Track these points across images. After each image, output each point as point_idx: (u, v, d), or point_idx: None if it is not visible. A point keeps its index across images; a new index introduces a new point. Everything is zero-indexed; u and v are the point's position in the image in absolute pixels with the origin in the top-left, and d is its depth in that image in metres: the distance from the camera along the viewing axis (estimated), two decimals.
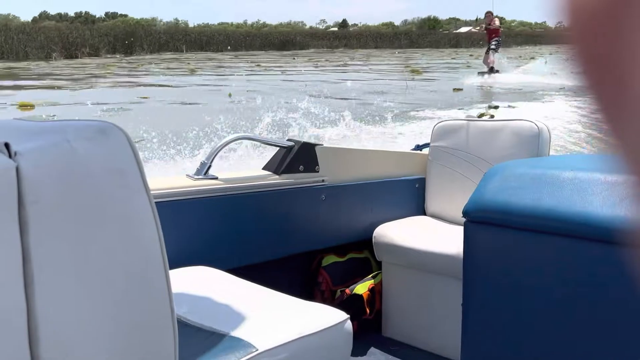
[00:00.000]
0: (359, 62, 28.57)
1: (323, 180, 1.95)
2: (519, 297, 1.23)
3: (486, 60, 14.94)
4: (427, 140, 2.30)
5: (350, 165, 2.05)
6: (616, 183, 1.12)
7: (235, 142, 1.91)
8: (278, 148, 1.92)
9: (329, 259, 2.04)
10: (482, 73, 15.16)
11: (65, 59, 29.57)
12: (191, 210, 1.64)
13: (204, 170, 1.71)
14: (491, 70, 14.80)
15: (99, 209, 0.85)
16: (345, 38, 54.09)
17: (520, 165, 1.39)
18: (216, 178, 1.72)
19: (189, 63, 26.19)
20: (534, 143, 1.93)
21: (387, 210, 2.16)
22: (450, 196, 2.12)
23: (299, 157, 1.89)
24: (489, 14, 15.16)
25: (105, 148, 0.86)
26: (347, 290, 1.99)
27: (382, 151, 2.27)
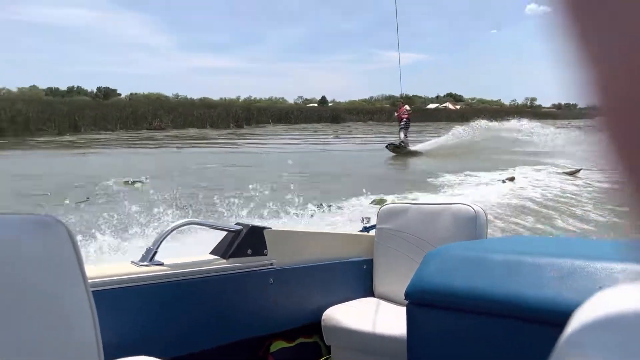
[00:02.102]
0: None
1: (271, 264, 1.96)
2: None
3: (399, 137, 18.95)
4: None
5: (298, 248, 2.08)
6: (543, 265, 1.21)
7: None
8: (226, 232, 1.96)
9: (278, 345, 2.01)
10: (390, 145, 18.79)
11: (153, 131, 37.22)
12: (134, 297, 1.62)
13: (149, 256, 1.71)
14: (400, 144, 18.52)
15: (33, 301, 0.87)
16: (369, 113, 63.25)
17: (456, 248, 1.46)
18: (162, 264, 1.72)
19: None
20: (472, 225, 2.02)
21: (336, 292, 2.17)
22: (397, 277, 2.17)
23: (247, 240, 1.90)
24: (400, 103, 19.73)
25: (45, 241, 0.90)
26: None
27: (330, 233, 2.32)
